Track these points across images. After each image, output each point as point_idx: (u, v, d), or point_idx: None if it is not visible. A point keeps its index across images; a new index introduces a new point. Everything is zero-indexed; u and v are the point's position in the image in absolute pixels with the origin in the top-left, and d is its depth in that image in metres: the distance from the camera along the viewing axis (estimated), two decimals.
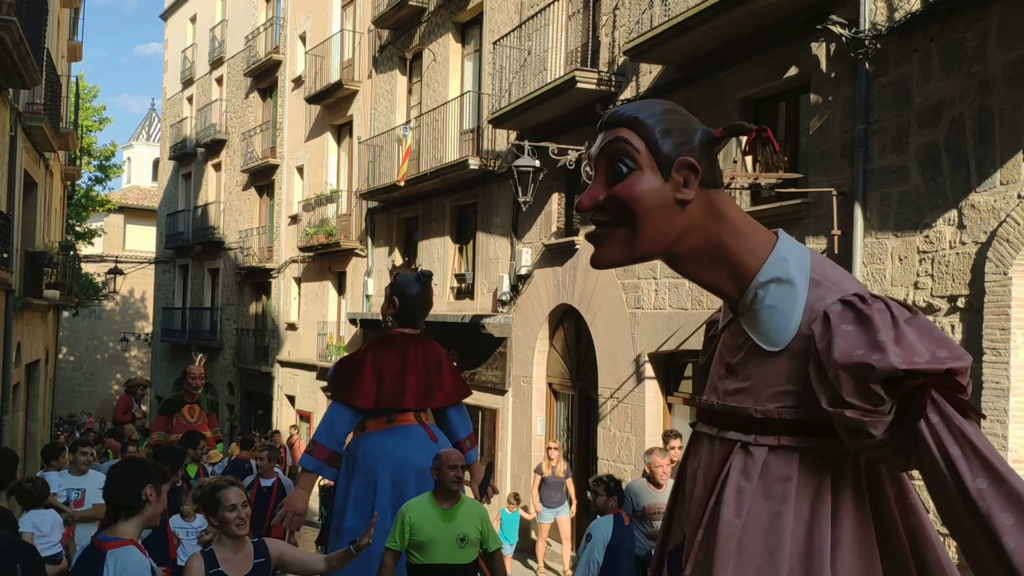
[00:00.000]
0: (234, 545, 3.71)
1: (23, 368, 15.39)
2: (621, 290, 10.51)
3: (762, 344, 1.69)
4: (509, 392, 13.02)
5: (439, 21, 15.38)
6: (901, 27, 7.07)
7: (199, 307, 27.41)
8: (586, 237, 1.75)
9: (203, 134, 27.07)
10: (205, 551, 3.73)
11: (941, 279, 6.72)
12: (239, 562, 3.68)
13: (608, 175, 1.70)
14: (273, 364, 22.05)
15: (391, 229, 17.03)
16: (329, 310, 19.67)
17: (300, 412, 20.53)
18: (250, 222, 24.06)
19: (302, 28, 21.42)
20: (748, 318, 1.72)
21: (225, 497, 3.70)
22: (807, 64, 8.01)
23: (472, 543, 4.59)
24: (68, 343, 36.73)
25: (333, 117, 19.62)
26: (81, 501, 7.00)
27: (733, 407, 1.72)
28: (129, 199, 39.27)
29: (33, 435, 16.80)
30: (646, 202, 1.65)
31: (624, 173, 1.67)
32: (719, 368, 1.82)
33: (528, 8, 12.51)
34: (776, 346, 1.66)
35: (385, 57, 17.49)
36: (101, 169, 30.40)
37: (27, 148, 14.07)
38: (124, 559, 3.24)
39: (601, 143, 1.72)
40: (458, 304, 14.61)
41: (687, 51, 9.09)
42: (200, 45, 28.45)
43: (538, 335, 12.40)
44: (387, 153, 16.35)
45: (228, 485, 3.79)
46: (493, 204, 13.55)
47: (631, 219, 1.66)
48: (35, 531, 5.64)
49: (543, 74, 11.70)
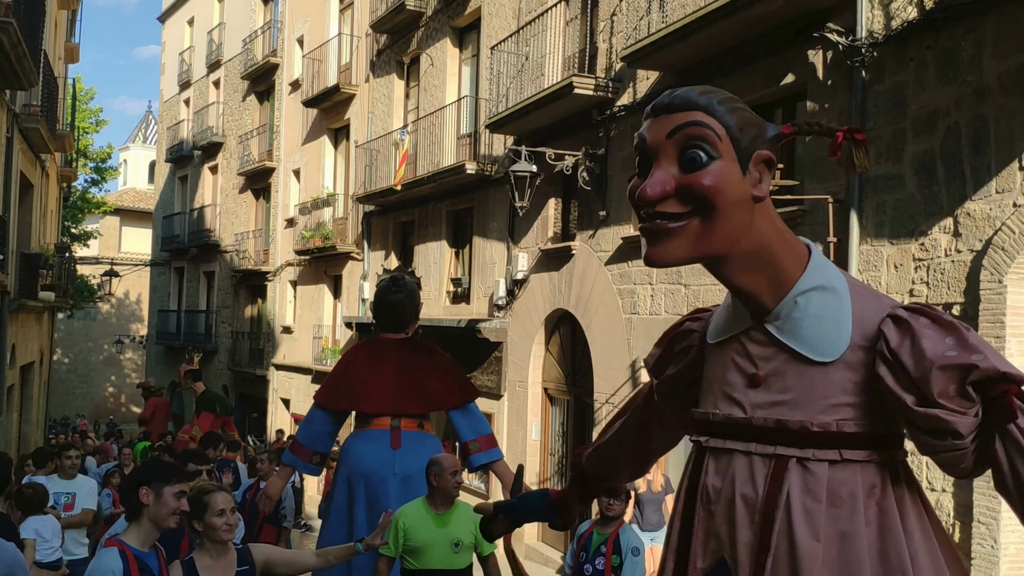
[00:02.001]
0: (217, 552, 3.61)
1: (18, 370, 15.36)
2: (617, 295, 10.52)
3: (807, 354, 1.59)
4: (504, 397, 13.02)
5: (437, 26, 15.40)
6: (897, 35, 7.10)
7: (194, 310, 27.36)
8: (642, 231, 1.57)
9: (200, 137, 27.04)
10: (185, 559, 3.63)
11: (936, 287, 6.73)
12: (221, 570, 3.58)
13: (678, 162, 1.53)
14: (268, 367, 22.01)
15: (387, 233, 17.03)
16: (325, 314, 19.65)
17: (295, 416, 20.47)
18: (246, 225, 24.04)
19: (300, 32, 21.43)
20: (785, 326, 1.61)
21: (214, 502, 3.58)
22: (804, 71, 8.03)
23: (466, 548, 4.57)
24: (63, 345, 36.62)
25: (330, 121, 19.62)
26: (71, 505, 6.96)
27: (781, 421, 1.60)
28: (125, 201, 39.22)
29: (27, 437, 16.76)
30: (729, 195, 1.51)
31: (703, 161, 1.51)
32: (737, 378, 1.67)
33: (526, 13, 12.53)
34: (826, 356, 1.58)
35: (383, 61, 17.50)
36: (97, 171, 30.37)
37: (23, 150, 14.05)
38: (99, 559, 3.34)
39: (670, 126, 1.54)
40: (454, 309, 14.61)
41: (684, 57, 9.11)
42: (198, 48, 28.44)
43: (534, 340, 12.40)
44: (384, 157, 16.35)
45: (216, 490, 3.69)
46: (490, 209, 13.56)
47: (709, 212, 1.51)
48: (37, 537, 5.61)
49: (540, 79, 11.72)
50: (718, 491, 1.67)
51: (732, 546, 1.62)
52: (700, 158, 1.51)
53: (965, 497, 6.38)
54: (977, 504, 6.26)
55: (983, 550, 6.19)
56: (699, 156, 1.51)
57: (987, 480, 6.04)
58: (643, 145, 1.58)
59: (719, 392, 1.71)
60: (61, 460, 7.26)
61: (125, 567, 3.31)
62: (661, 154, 1.54)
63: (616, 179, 10.57)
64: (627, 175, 10.32)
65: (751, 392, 1.65)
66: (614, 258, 10.58)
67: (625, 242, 10.27)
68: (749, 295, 1.63)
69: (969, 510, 6.32)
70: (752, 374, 1.65)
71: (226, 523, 3.59)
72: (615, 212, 10.56)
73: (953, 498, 6.49)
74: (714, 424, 1.70)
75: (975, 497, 6.28)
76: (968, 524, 6.32)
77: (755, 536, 1.59)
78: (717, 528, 1.66)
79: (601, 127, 10.76)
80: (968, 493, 6.34)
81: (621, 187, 10.47)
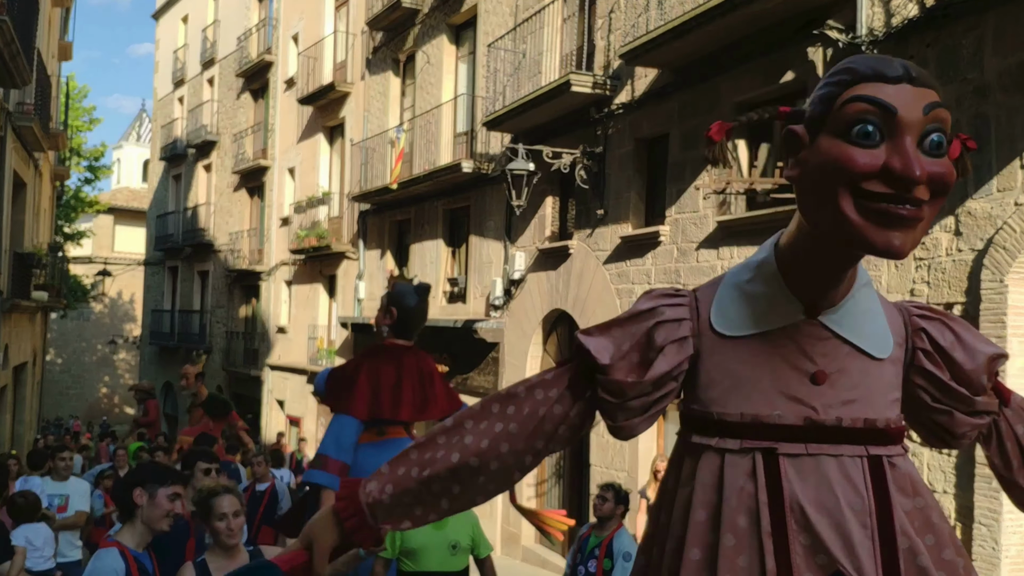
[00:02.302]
0: (228, 554, 3.60)
1: (10, 370, 15.29)
2: (615, 295, 10.47)
3: (869, 350, 1.57)
4: None
5: (433, 23, 15.34)
6: (898, 33, 7.06)
7: (188, 310, 27.28)
8: (881, 214, 1.35)
9: (194, 135, 26.96)
10: (197, 561, 3.62)
11: (937, 286, 6.70)
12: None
13: (920, 145, 1.36)
14: (263, 368, 21.94)
15: (383, 232, 16.96)
16: (320, 313, 19.58)
17: (290, 417, 20.42)
18: (240, 224, 23.96)
19: (295, 29, 21.36)
20: (844, 321, 1.56)
21: (218, 505, 3.57)
22: (803, 69, 7.99)
23: (463, 550, 4.57)
24: (56, 345, 36.49)
25: (325, 119, 19.56)
26: (64, 507, 6.91)
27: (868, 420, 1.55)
28: (118, 200, 39.07)
29: (20, 438, 16.68)
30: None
31: (945, 147, 1.38)
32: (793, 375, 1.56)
33: (523, 11, 12.48)
34: (882, 353, 1.58)
35: (378, 59, 17.44)
36: (91, 170, 30.27)
37: (16, 148, 13.97)
38: (100, 559, 3.31)
39: (924, 100, 1.37)
40: (450, 308, 14.55)
41: (683, 55, 9.07)
42: (192, 45, 28.35)
43: (531, 340, 12.35)
44: (379, 155, 16.29)
45: (223, 492, 3.66)
46: (486, 208, 13.50)
47: (936, 203, 1.38)
48: (28, 545, 5.56)
49: (538, 77, 11.67)
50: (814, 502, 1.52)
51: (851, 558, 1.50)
52: (942, 142, 1.37)
53: (966, 498, 6.34)
54: (978, 505, 6.23)
55: (984, 552, 6.15)
56: (944, 140, 1.38)
57: (988, 481, 6.01)
58: (886, 114, 1.36)
59: (769, 391, 1.56)
60: (55, 462, 7.20)
61: (126, 567, 3.31)
62: (907, 130, 1.35)
63: (614, 177, 10.52)
64: (625, 174, 10.29)
65: (816, 390, 1.55)
66: (612, 257, 10.53)
67: (623, 241, 10.22)
68: (836, 287, 1.53)
69: (970, 511, 6.29)
70: (815, 372, 1.55)
71: (227, 527, 3.56)
72: (613, 211, 10.52)
73: (954, 499, 6.45)
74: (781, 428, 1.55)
75: (976, 499, 6.25)
76: (969, 526, 6.28)
77: (873, 543, 1.51)
78: (824, 542, 1.51)
79: (599, 125, 10.71)
80: (969, 494, 6.31)
81: (619, 186, 10.43)
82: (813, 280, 1.52)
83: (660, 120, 9.80)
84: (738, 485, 1.54)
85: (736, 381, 1.58)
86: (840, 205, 1.35)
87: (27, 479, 7.14)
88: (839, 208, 1.36)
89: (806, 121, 1.43)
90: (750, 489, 1.53)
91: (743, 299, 1.59)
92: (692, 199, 9.21)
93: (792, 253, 1.53)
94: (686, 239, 9.29)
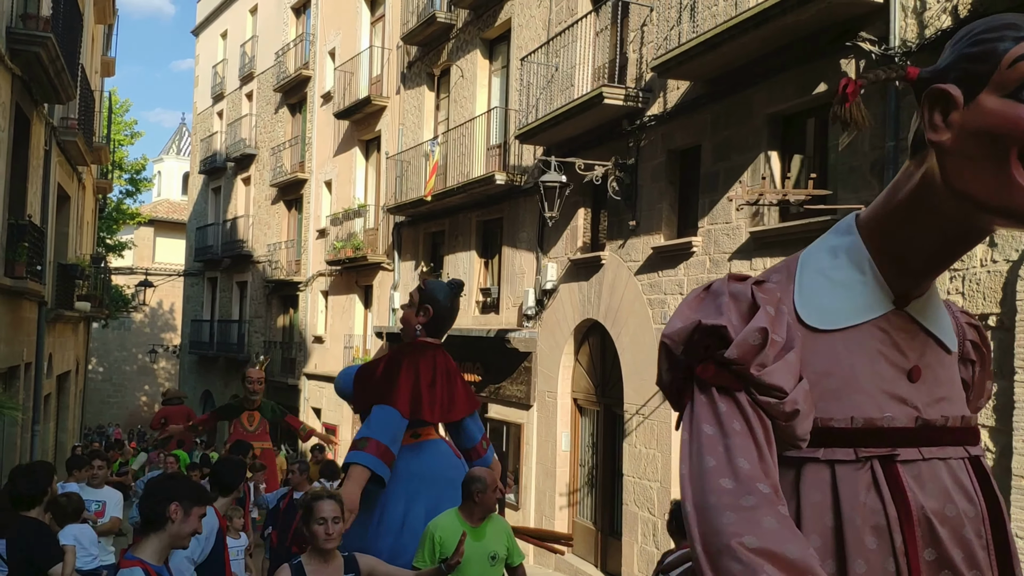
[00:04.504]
0: (323, 557, 3.72)
1: (54, 379, 15.59)
2: (647, 305, 10.48)
3: (948, 343, 1.48)
4: (534, 407, 13.01)
5: (467, 38, 15.49)
6: (931, 44, 7.03)
7: (227, 319, 27.64)
8: None
9: (233, 148, 27.37)
10: (294, 563, 3.74)
11: (972, 297, 6.64)
12: (328, 575, 3.70)
13: None
14: (300, 377, 22.18)
15: (417, 243, 17.11)
16: (356, 323, 19.77)
17: (326, 425, 20.59)
18: (278, 236, 24.27)
19: (331, 44, 21.64)
20: (926, 312, 1.45)
21: (318, 509, 3.70)
22: (836, 80, 7.94)
23: (501, 560, 4.56)
24: (97, 355, 37.15)
25: (361, 132, 19.78)
26: (102, 512, 7.03)
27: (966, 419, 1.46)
28: (159, 212, 39.77)
29: (63, 445, 16.99)
30: None
31: None
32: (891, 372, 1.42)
33: (556, 24, 12.57)
34: (955, 346, 1.51)
35: (413, 73, 17.62)
36: (132, 183, 30.80)
37: (61, 162, 14.29)
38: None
39: None
40: (483, 318, 14.64)
41: (715, 67, 9.08)
42: (231, 60, 28.81)
43: (563, 350, 12.38)
44: (414, 168, 16.45)
45: (325, 497, 3.76)
46: (519, 219, 13.58)
47: None
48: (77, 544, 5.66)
49: (570, 90, 11.74)
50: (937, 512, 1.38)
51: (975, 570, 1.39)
52: None
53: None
54: (1015, 518, 6.15)
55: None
56: None
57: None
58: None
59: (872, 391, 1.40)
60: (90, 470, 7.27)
61: None
62: None
63: (646, 189, 10.55)
64: (657, 185, 10.30)
65: (914, 388, 1.41)
66: (644, 268, 10.55)
67: (655, 252, 10.24)
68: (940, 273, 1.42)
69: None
70: (911, 368, 1.42)
71: (325, 531, 3.68)
72: (645, 222, 10.54)
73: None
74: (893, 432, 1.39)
75: (1013, 511, 6.17)
76: None
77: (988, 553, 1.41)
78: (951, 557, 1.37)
79: (631, 137, 10.75)
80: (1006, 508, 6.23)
81: (651, 197, 10.45)
82: (919, 265, 1.40)
83: (693, 132, 9.82)
84: (859, 501, 1.36)
85: (838, 381, 1.40)
86: (1011, 171, 1.22)
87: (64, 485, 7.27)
88: (1010, 174, 1.23)
89: (956, 80, 1.30)
90: (874, 504, 1.37)
91: (833, 288, 1.43)
92: (724, 210, 9.20)
93: (890, 237, 1.40)
94: (719, 250, 9.28)
